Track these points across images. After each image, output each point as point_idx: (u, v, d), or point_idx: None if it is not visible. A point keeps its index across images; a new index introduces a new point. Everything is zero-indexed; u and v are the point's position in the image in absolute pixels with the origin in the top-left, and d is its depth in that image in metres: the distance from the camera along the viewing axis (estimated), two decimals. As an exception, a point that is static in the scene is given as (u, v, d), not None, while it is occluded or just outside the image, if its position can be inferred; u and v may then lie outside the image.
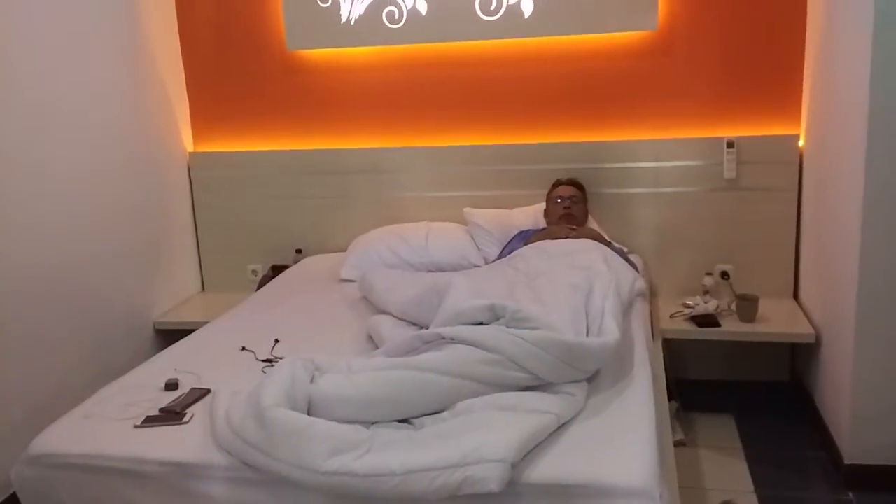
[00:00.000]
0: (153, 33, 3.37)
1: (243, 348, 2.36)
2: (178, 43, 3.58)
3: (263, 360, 2.25)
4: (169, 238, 3.51)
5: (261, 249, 3.65)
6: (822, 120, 2.87)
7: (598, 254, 2.65)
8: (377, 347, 2.26)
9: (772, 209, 3.15)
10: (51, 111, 2.74)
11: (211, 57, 3.59)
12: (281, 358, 2.23)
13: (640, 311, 2.62)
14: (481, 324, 1.97)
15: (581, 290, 2.26)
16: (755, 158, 3.13)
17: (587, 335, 2.06)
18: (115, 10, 3.13)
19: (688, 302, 3.07)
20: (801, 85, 3.09)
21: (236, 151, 3.62)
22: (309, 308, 2.81)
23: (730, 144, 3.12)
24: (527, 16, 3.20)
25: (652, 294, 3.22)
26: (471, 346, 1.84)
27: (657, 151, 3.22)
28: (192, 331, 2.66)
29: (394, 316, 2.47)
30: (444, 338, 1.91)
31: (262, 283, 3.35)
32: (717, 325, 2.94)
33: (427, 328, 2.20)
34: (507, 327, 1.91)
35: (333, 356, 1.98)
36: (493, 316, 1.96)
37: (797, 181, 3.11)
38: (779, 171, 3.12)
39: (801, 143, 3.10)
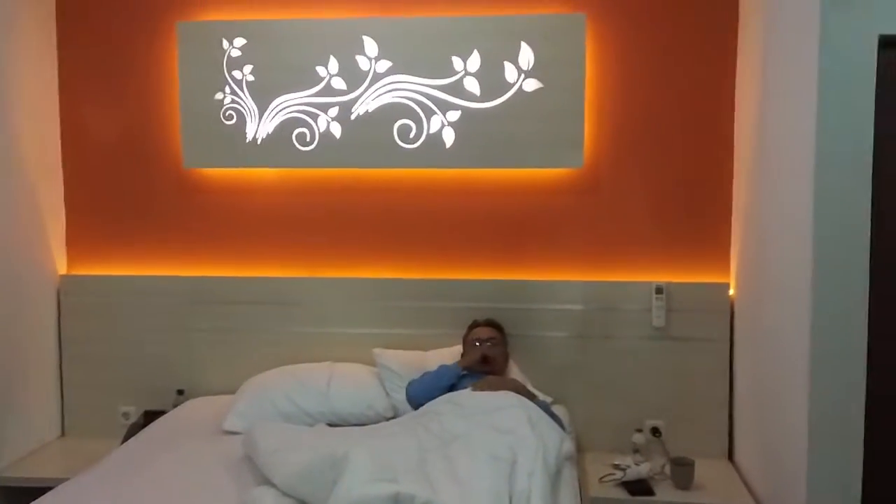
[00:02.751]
0: (28, 140, 2.99)
1: (85, 533, 1.89)
2: (58, 150, 3.20)
3: (106, 554, 1.78)
4: (25, 372, 2.99)
5: (136, 388, 3.17)
6: (753, 269, 2.72)
7: (521, 413, 2.34)
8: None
9: (703, 361, 2.96)
10: None
11: (95, 170, 3.22)
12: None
13: (569, 479, 2.29)
14: (382, 518, 1.59)
15: (503, 464, 1.93)
16: (685, 306, 2.95)
17: (511, 525, 1.71)
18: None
19: (618, 463, 2.77)
20: (730, 231, 2.98)
21: (115, 276, 3.20)
22: (180, 472, 2.34)
23: (658, 290, 2.95)
24: (448, 146, 3.01)
25: (578, 450, 2.91)
26: (367, 552, 1.46)
27: (583, 293, 3.01)
28: (41, 489, 2.25)
29: (278, 489, 2.03)
30: (333, 539, 1.51)
31: (130, 433, 2.85)
32: (651, 492, 2.63)
33: (317, 511, 1.82)
34: (415, 523, 1.54)
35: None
36: (398, 509, 1.59)
37: (728, 332, 2.94)
38: (710, 321, 2.95)
39: (731, 291, 2.95)
